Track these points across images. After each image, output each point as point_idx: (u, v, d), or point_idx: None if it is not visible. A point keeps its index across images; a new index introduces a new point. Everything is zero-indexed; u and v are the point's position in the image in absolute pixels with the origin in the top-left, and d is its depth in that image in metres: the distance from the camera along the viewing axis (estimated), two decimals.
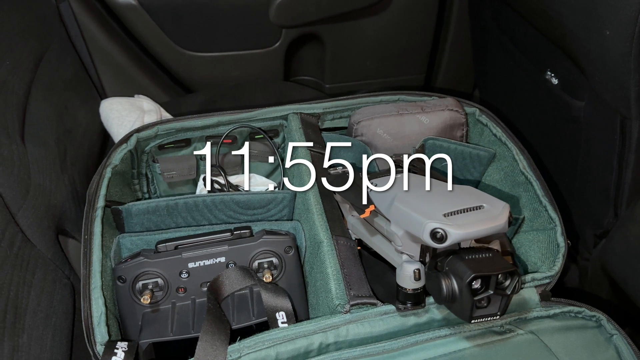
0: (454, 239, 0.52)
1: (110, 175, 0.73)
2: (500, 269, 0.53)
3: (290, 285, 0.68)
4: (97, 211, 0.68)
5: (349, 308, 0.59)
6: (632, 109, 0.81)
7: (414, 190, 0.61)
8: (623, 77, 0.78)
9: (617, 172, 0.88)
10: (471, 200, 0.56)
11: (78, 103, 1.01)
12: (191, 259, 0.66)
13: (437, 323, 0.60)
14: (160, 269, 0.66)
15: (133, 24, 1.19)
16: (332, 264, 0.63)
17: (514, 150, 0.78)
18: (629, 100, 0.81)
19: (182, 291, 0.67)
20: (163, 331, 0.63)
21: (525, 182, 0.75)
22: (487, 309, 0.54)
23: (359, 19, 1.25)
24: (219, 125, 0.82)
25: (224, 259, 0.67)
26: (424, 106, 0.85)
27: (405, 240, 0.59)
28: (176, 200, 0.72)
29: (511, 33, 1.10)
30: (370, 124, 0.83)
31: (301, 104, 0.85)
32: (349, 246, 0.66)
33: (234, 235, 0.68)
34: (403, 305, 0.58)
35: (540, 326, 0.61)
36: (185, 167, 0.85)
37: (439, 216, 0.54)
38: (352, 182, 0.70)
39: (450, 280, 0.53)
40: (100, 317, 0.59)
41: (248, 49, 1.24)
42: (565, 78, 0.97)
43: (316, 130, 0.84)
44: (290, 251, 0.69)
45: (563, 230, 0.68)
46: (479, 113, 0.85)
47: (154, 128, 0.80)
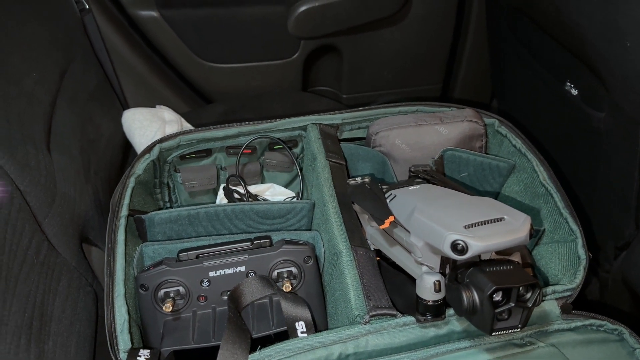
0: (474, 251, 0.52)
1: (133, 184, 0.74)
2: (522, 281, 0.53)
3: (310, 295, 0.69)
4: (121, 220, 0.69)
5: (369, 319, 0.59)
6: None
7: (433, 202, 0.61)
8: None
9: (638, 183, 0.87)
10: (492, 212, 0.56)
11: (101, 113, 1.03)
12: (212, 268, 0.67)
13: (457, 335, 0.60)
14: (182, 277, 0.67)
15: (155, 36, 1.21)
16: (351, 274, 0.63)
17: (534, 161, 0.77)
18: None
19: (203, 299, 0.67)
20: (184, 339, 0.64)
21: (546, 193, 0.74)
22: (508, 322, 0.54)
23: (377, 30, 1.25)
24: (240, 135, 0.83)
25: (244, 268, 0.67)
26: (442, 117, 0.84)
27: (425, 251, 0.59)
28: (197, 209, 0.73)
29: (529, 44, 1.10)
30: (388, 135, 0.83)
31: (320, 114, 0.85)
32: (368, 257, 0.66)
33: (254, 244, 0.69)
34: (423, 317, 0.58)
35: (562, 339, 0.61)
36: (206, 176, 0.86)
37: (460, 228, 0.54)
38: (371, 192, 0.70)
39: (471, 292, 0.53)
40: (124, 324, 0.60)
41: (267, 60, 1.26)
42: (585, 89, 0.96)
43: (335, 141, 0.84)
44: (310, 261, 0.69)
45: (584, 242, 0.67)
46: (498, 124, 0.85)
47: (176, 139, 0.81)
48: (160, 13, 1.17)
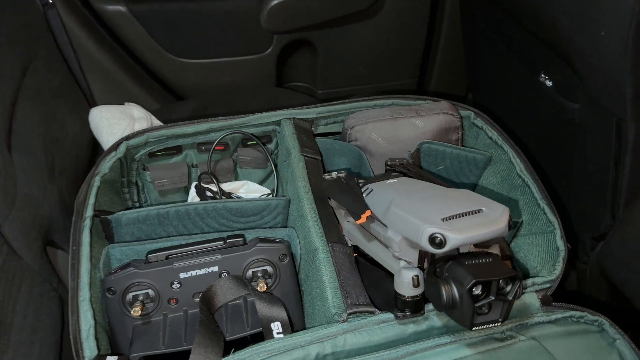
0: (453, 244, 0.51)
1: (99, 184, 0.71)
2: (502, 274, 0.51)
3: (286, 294, 0.67)
4: (86, 221, 0.67)
5: (346, 317, 0.57)
6: (627, 110, 0.80)
7: (411, 195, 0.60)
8: (618, 79, 0.78)
9: (614, 174, 0.87)
10: (470, 203, 0.55)
11: (66, 111, 0.99)
12: (183, 269, 0.64)
13: (436, 331, 0.59)
14: (151, 279, 0.64)
15: (122, 31, 1.17)
16: (328, 271, 0.61)
17: (510, 153, 0.77)
18: (624, 101, 0.80)
19: (173, 302, 0.65)
20: (154, 344, 0.61)
21: (523, 185, 0.74)
22: (489, 316, 0.53)
23: (351, 24, 1.24)
24: (211, 131, 0.81)
25: (216, 268, 0.65)
26: (418, 110, 0.84)
27: (402, 246, 0.58)
28: (167, 208, 0.71)
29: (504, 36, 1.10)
30: (364, 129, 0.82)
31: (294, 109, 0.84)
32: (345, 253, 0.65)
33: (227, 243, 0.67)
34: (402, 313, 0.57)
35: (542, 332, 0.60)
36: (177, 174, 0.83)
37: (438, 221, 0.52)
38: (348, 187, 0.68)
39: (450, 287, 0.52)
40: (89, 330, 0.57)
41: (239, 55, 1.23)
42: (559, 80, 0.96)
43: (310, 136, 0.83)
44: (285, 259, 0.67)
45: (562, 233, 0.67)
46: (474, 116, 0.84)
47: (143, 135, 0.78)
48: (127, 7, 1.14)
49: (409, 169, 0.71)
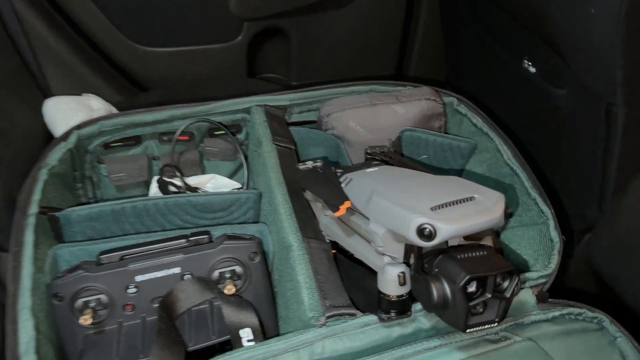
0: (444, 236, 0.45)
1: (46, 177, 0.64)
2: (498, 268, 0.46)
3: (257, 296, 0.61)
4: (29, 219, 0.60)
5: (325, 321, 0.52)
6: (617, 94, 0.78)
7: (395, 183, 0.54)
8: (608, 61, 0.76)
9: (602, 163, 0.85)
10: (461, 191, 0.49)
11: (16, 102, 0.91)
12: (139, 271, 0.58)
13: (425, 333, 0.54)
14: (104, 283, 0.58)
15: (81, 18, 1.09)
16: (303, 270, 0.56)
17: (496, 140, 0.74)
18: (614, 85, 0.77)
19: (129, 309, 0.58)
20: (107, 356, 0.55)
21: (511, 173, 0.71)
22: (484, 316, 0.47)
23: (326, 11, 1.19)
24: (173, 119, 0.75)
25: (178, 270, 0.59)
26: (399, 96, 0.80)
27: (386, 239, 0.52)
28: (123, 204, 0.65)
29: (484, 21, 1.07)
30: (341, 116, 0.77)
31: (265, 95, 0.79)
32: (322, 249, 0.60)
33: (190, 241, 0.60)
34: (386, 315, 0.52)
35: (539, 331, 0.56)
36: (136, 168, 0.77)
37: (426, 210, 0.46)
38: (324, 177, 0.63)
39: (441, 284, 0.46)
40: (29, 343, 0.50)
41: (207, 43, 1.17)
42: (543, 66, 0.94)
43: (282, 124, 0.77)
44: (256, 258, 0.61)
45: (556, 223, 0.63)
46: (457, 102, 0.81)
47: (97, 124, 0.72)
48: None
49: (391, 157, 0.66)
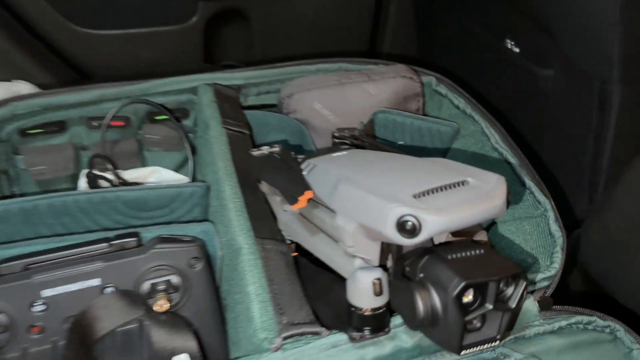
0: (431, 230, 0.35)
1: None
2: (501, 271, 0.36)
3: (199, 313, 0.50)
4: None
5: (281, 343, 0.41)
6: (614, 70, 0.72)
7: (367, 168, 0.44)
8: (604, 35, 0.71)
9: (593, 152, 0.80)
10: (450, 174, 0.39)
11: None
12: (47, 284, 0.46)
13: (406, 354, 0.44)
14: (3, 299, 0.46)
15: None
16: (254, 278, 0.45)
17: (482, 122, 0.66)
18: (610, 61, 0.72)
19: (36, 331, 0.47)
20: None
21: (500, 160, 0.62)
22: (482, 332, 0.37)
23: None
24: (103, 101, 0.64)
25: (98, 282, 0.47)
26: (370, 74, 0.72)
27: (357, 237, 0.42)
28: (35, 200, 0.54)
29: None
30: (305, 97, 0.69)
31: (215, 72, 0.69)
32: (280, 252, 0.50)
33: (113, 246, 0.49)
34: (358, 333, 0.42)
35: (543, 346, 0.47)
36: (60, 159, 0.66)
37: (407, 198, 0.36)
38: (283, 163, 0.52)
39: (429, 293, 0.36)
40: None
41: (157, 25, 1.08)
42: (528, 45, 0.89)
43: (236, 106, 0.68)
44: (197, 264, 0.50)
45: (557, 215, 0.55)
46: (436, 82, 0.73)
47: (8, 106, 0.61)
48: None
49: (363, 140, 0.56)
